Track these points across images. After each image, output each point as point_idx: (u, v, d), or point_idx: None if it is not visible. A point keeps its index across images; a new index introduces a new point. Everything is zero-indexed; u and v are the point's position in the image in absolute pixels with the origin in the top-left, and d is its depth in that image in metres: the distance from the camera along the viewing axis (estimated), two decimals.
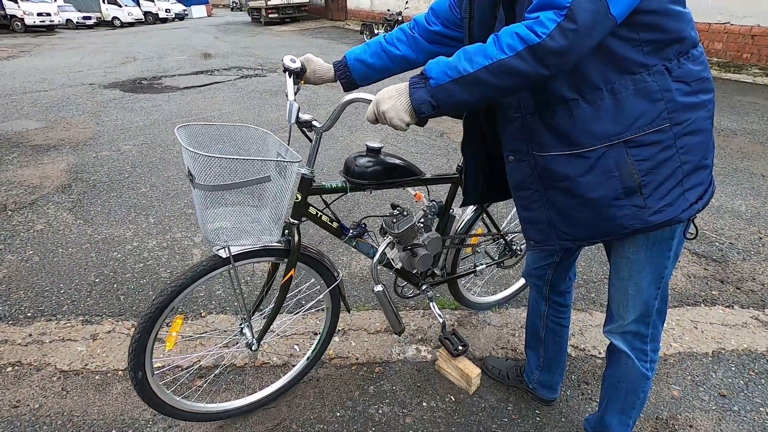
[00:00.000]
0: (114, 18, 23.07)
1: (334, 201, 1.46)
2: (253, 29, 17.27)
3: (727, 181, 3.52)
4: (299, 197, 1.32)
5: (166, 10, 25.62)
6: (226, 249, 1.25)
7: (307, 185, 1.31)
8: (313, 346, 1.68)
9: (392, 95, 0.97)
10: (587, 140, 0.97)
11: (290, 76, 1.32)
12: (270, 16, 18.59)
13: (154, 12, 24.91)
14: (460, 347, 1.68)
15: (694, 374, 1.79)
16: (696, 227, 1.10)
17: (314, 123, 1.26)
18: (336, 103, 1.18)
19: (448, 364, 1.74)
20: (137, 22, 23.64)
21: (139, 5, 24.44)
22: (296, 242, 1.34)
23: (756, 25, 7.67)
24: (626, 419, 1.35)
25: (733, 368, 1.82)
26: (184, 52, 10.82)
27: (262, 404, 1.61)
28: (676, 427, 1.57)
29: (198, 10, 29.21)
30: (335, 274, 1.50)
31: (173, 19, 25.93)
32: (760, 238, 2.74)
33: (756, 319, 2.09)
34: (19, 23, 18.49)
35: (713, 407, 1.65)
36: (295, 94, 1.29)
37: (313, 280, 1.52)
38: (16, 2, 18.45)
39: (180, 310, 2.07)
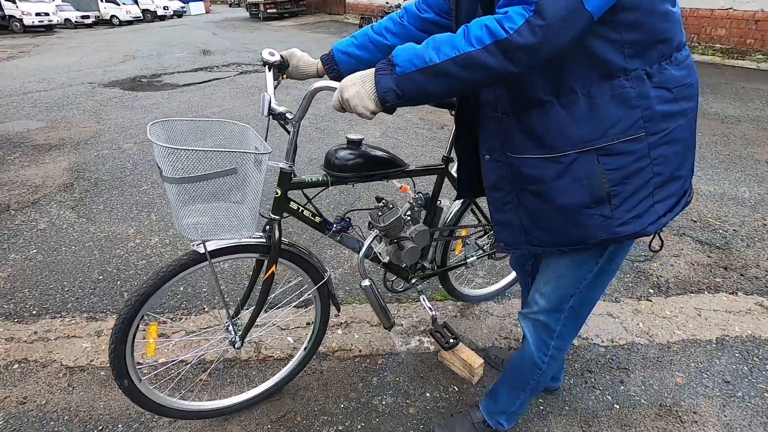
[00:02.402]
0: (112, 16, 22.99)
1: (315, 195, 1.43)
2: (251, 25, 17.19)
3: (731, 168, 3.50)
4: (279, 192, 1.29)
5: (164, 7, 25.49)
6: (203, 244, 1.23)
7: (286, 180, 1.28)
8: (303, 345, 1.65)
9: (356, 82, 0.94)
10: (560, 145, 0.94)
11: (270, 70, 1.29)
12: (268, 11, 18.51)
13: (152, 10, 24.79)
14: (452, 340, 1.65)
15: (698, 361, 1.79)
16: (662, 240, 1.07)
17: (288, 114, 1.23)
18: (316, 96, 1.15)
19: (450, 355, 1.75)
20: (135, 20, 23.54)
21: (137, 3, 24.32)
22: (277, 238, 1.31)
23: (760, 10, 7.58)
24: (514, 396, 1.39)
25: (737, 354, 1.81)
26: (182, 49, 10.79)
27: (259, 399, 1.61)
28: (680, 413, 1.58)
29: (196, 7, 29.09)
30: (323, 273, 1.46)
31: (171, 17, 25.81)
32: (764, 225, 2.72)
33: (760, 305, 2.08)
34: (17, 24, 18.46)
35: (717, 394, 1.65)
36: (275, 88, 1.26)
37: (300, 278, 1.49)
38: (15, 2, 18.42)
39: (153, 317, 1.98)
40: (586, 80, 0.89)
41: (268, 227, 1.33)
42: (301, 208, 1.38)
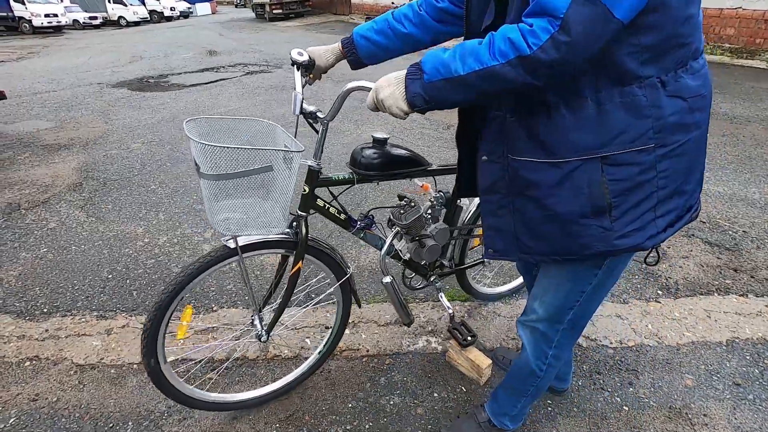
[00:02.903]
0: (120, 17, 23.19)
1: (341, 193, 1.45)
2: (257, 25, 17.26)
3: (741, 168, 3.46)
4: (306, 189, 1.32)
5: (171, 8, 25.67)
6: (234, 240, 1.26)
7: (314, 177, 1.31)
8: (324, 340, 1.69)
9: (391, 83, 0.95)
10: (563, 150, 0.91)
11: (298, 70, 1.32)
12: (274, 11, 18.55)
13: (159, 11, 24.97)
14: (469, 338, 1.68)
15: (708, 363, 1.77)
16: (659, 254, 1.05)
17: (318, 114, 1.26)
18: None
19: (458, 355, 1.75)
20: (143, 21, 23.73)
21: (144, 4, 24.52)
22: (304, 234, 1.34)
23: None
24: (514, 400, 1.39)
25: (747, 357, 1.80)
26: (189, 49, 10.85)
27: (273, 396, 1.63)
28: (690, 416, 1.56)
29: (202, 8, 29.24)
30: (346, 269, 1.49)
31: (178, 17, 25.97)
32: None
33: None
34: (27, 25, 18.66)
35: (727, 396, 1.63)
36: (303, 87, 1.29)
37: (323, 274, 1.52)
38: (24, 4, 18.61)
39: (190, 301, 2.10)
40: (597, 86, 0.86)
41: (294, 224, 1.36)
42: (327, 205, 1.41)
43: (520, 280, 2.16)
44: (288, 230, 1.34)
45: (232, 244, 1.26)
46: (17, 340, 1.94)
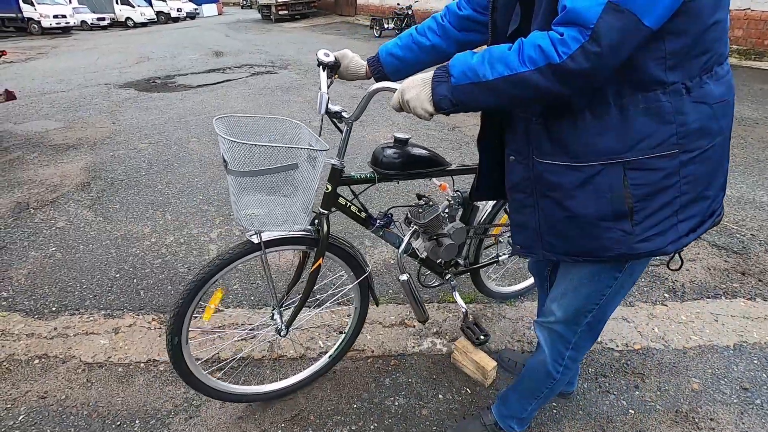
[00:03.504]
0: (127, 18, 23.36)
1: (362, 191, 1.46)
2: (263, 26, 17.33)
3: (749, 171, 3.44)
4: (329, 188, 1.35)
5: (177, 9, 25.84)
6: (258, 235, 1.29)
7: (337, 176, 1.33)
8: (337, 344, 1.70)
9: (417, 84, 0.97)
10: (586, 154, 0.92)
11: (324, 70, 1.33)
12: (280, 12, 18.62)
13: (166, 12, 25.15)
14: (482, 337, 1.68)
15: (715, 367, 1.76)
16: (681, 259, 1.04)
17: (343, 113, 1.28)
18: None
19: (464, 357, 1.75)
20: (150, 22, 23.89)
21: (151, 5, 24.70)
22: (325, 232, 1.36)
23: None
24: (525, 403, 1.38)
25: (755, 361, 1.78)
26: (196, 50, 10.92)
27: (282, 394, 1.64)
28: (697, 420, 1.56)
29: (209, 9, 29.41)
30: (365, 268, 1.51)
31: (185, 18, 26.14)
32: None
33: None
34: (36, 26, 18.85)
35: (735, 400, 1.62)
36: (328, 87, 1.30)
37: (341, 272, 1.54)
38: (33, 5, 18.81)
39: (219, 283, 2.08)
40: (621, 91, 0.86)
41: (316, 221, 1.38)
42: (349, 204, 1.43)
43: (529, 282, 2.16)
44: (310, 227, 1.36)
45: (255, 239, 1.29)
46: (26, 338, 1.96)
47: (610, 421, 1.56)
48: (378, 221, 1.49)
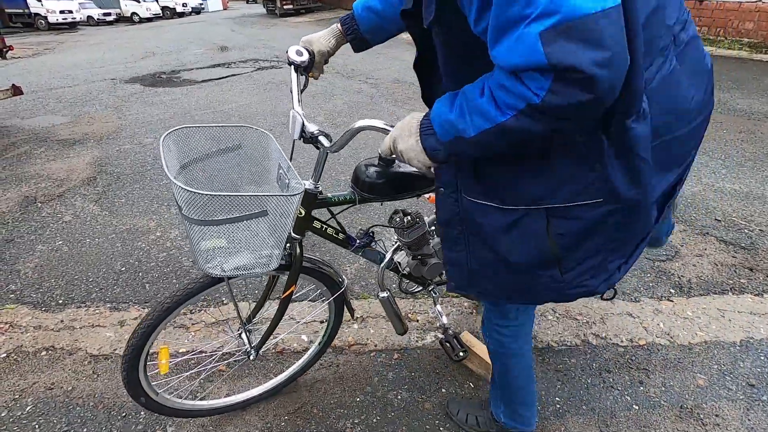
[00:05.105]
0: (133, 14, 23.42)
1: (340, 212, 1.33)
2: (268, 21, 17.29)
3: (758, 166, 3.39)
4: (302, 212, 1.21)
5: (183, 4, 25.85)
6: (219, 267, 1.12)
7: (311, 200, 1.21)
8: (303, 359, 1.64)
9: (411, 132, 0.85)
10: (508, 197, 0.86)
11: (296, 71, 1.19)
12: (285, 7, 18.57)
13: (171, 7, 25.18)
14: (461, 353, 1.56)
15: (721, 363, 1.75)
16: (615, 290, 1.02)
17: (321, 139, 1.11)
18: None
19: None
20: (155, 17, 23.95)
21: (156, 0, 24.73)
22: (298, 256, 1.26)
23: None
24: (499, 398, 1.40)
25: (762, 358, 1.77)
26: (201, 45, 10.92)
27: (245, 406, 1.59)
28: (702, 416, 1.54)
29: (214, 3, 29.42)
30: (340, 283, 1.42)
31: (190, 13, 26.15)
32: None
33: None
34: (42, 21, 18.99)
35: (741, 397, 1.61)
36: (302, 90, 1.18)
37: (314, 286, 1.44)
38: (40, 0, 18.90)
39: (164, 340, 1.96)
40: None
41: (288, 245, 1.26)
42: (325, 226, 1.31)
43: None
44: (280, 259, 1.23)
45: (218, 272, 1.12)
46: (34, 330, 1.98)
47: (613, 416, 1.55)
48: (358, 241, 1.38)
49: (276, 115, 4.95)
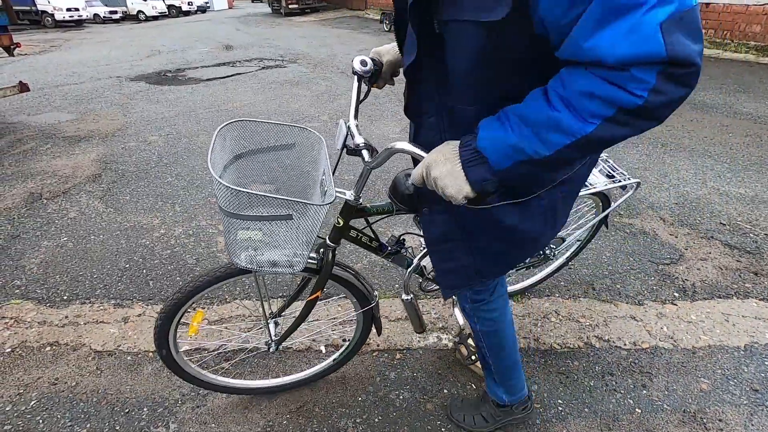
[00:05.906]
0: (139, 12, 23.52)
1: (376, 221, 1.31)
2: (273, 20, 17.33)
3: (763, 170, 3.37)
4: (341, 222, 1.22)
5: (188, 2, 25.94)
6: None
7: (350, 211, 1.21)
8: (339, 352, 1.66)
9: (448, 158, 0.78)
10: (521, 193, 0.92)
11: (360, 81, 1.18)
12: (290, 6, 18.62)
13: (177, 5, 25.26)
14: (473, 357, 1.58)
15: (725, 368, 1.74)
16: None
17: (363, 152, 1.08)
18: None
19: None
20: (161, 16, 24.04)
21: None
22: (329, 263, 1.26)
23: None
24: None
25: (766, 362, 1.76)
26: (206, 44, 10.95)
27: (270, 392, 1.64)
28: (705, 420, 1.54)
29: (219, 2, 29.51)
30: (371, 298, 1.41)
31: (195, 12, 26.24)
32: None
33: None
34: (49, 19, 19.08)
35: (744, 402, 1.60)
36: (363, 100, 1.19)
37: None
38: None
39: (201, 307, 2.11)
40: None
41: (321, 250, 1.27)
42: (360, 235, 1.31)
43: (534, 278, 2.14)
44: (313, 255, 1.27)
45: (247, 264, 1.16)
46: (38, 325, 1.99)
47: (616, 420, 1.55)
48: (389, 248, 1.38)
49: (281, 114, 4.96)
